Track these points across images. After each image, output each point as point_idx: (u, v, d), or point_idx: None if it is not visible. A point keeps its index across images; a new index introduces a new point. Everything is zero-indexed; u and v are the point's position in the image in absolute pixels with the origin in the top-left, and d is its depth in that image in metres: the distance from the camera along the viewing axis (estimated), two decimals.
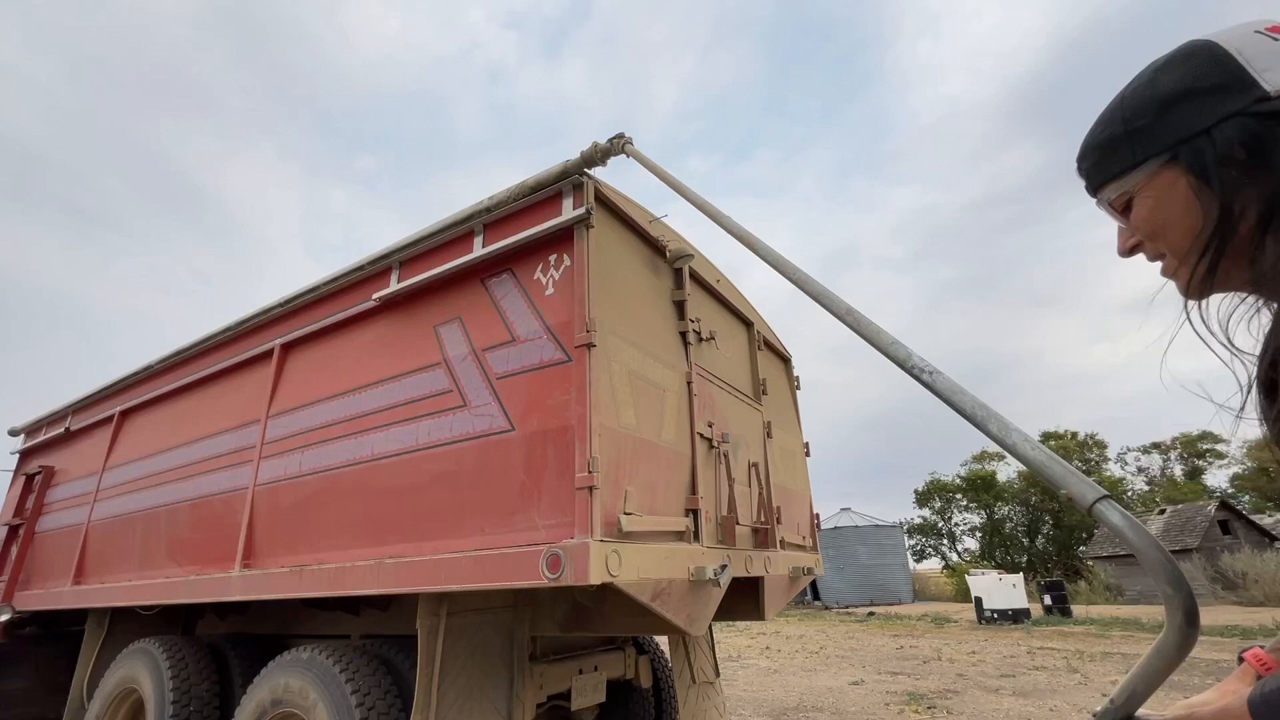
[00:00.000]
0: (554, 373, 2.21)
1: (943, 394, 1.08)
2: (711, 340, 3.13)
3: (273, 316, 3.49)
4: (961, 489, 38.83)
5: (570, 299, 2.25)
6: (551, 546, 1.95)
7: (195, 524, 3.48)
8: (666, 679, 4.13)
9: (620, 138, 2.60)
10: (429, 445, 2.49)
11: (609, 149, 2.57)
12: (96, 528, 4.24)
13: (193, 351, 3.99)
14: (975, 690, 7.39)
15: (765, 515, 3.23)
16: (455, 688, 2.47)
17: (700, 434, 2.75)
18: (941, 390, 1.09)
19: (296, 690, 2.67)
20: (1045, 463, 0.88)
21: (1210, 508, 24.05)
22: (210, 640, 3.83)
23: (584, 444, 2.03)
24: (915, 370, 1.16)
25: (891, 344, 1.24)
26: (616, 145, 2.58)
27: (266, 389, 3.32)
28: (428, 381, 2.60)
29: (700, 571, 2.33)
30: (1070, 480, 0.83)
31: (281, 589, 2.78)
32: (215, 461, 3.50)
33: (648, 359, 2.51)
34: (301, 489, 2.94)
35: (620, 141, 2.57)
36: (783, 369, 4.40)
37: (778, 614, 3.54)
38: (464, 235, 2.68)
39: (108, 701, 3.75)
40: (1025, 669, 8.84)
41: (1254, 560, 19.11)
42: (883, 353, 1.25)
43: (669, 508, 2.43)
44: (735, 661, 10.31)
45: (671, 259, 2.88)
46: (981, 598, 16.64)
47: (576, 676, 3.22)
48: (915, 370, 1.16)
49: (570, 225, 2.34)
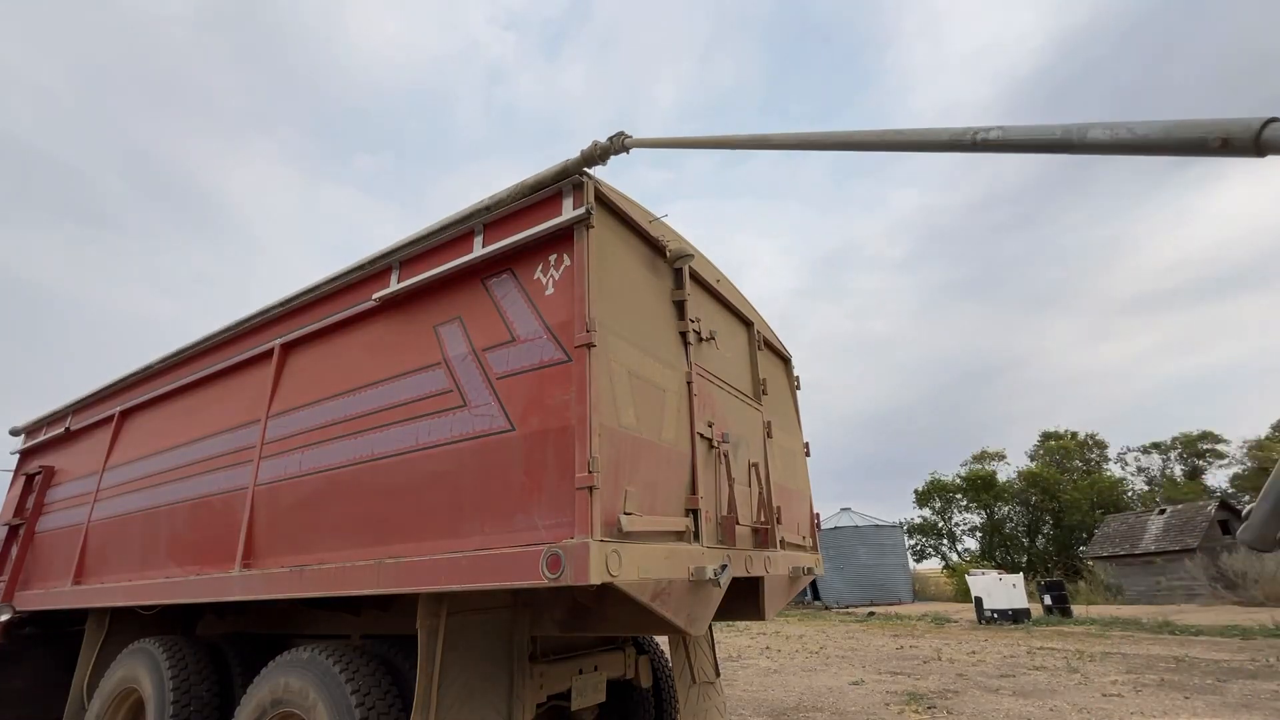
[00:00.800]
0: (554, 373, 2.21)
1: (1022, 142, 1.04)
2: (711, 340, 3.13)
3: (273, 316, 3.49)
4: (961, 489, 38.79)
5: (570, 299, 2.25)
6: (551, 546, 1.95)
7: (195, 524, 3.48)
8: (666, 679, 4.13)
9: (620, 135, 2.58)
10: (429, 445, 2.49)
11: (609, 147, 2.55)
12: (96, 528, 4.24)
13: (193, 351, 3.99)
14: (975, 690, 7.39)
15: (765, 515, 3.23)
16: (455, 688, 2.47)
17: (700, 434, 2.75)
18: (1018, 139, 1.05)
19: (296, 690, 2.67)
20: (1173, 129, 0.78)
21: (1210, 508, 24.03)
22: (210, 640, 3.83)
23: (584, 444, 2.03)
24: (981, 140, 1.11)
25: (948, 139, 1.20)
26: (616, 143, 2.56)
27: (266, 389, 3.32)
28: (428, 381, 2.60)
29: (700, 571, 2.33)
30: (1214, 127, 0.74)
31: (281, 589, 2.78)
32: (215, 461, 3.50)
33: (648, 359, 2.51)
34: (302, 489, 2.94)
35: (620, 138, 2.56)
36: (783, 369, 4.40)
37: (778, 614, 3.54)
38: (464, 235, 2.68)
39: (108, 701, 3.75)
40: (1025, 669, 8.83)
41: (1254, 560, 19.08)
42: (944, 149, 1.21)
43: (669, 508, 2.43)
44: (735, 661, 10.31)
45: (671, 259, 2.88)
46: (981, 598, 16.64)
47: (576, 676, 3.22)
48: (981, 140, 1.11)
49: (570, 225, 2.34)
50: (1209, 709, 6.09)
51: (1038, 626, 14.87)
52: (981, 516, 38.34)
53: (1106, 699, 6.75)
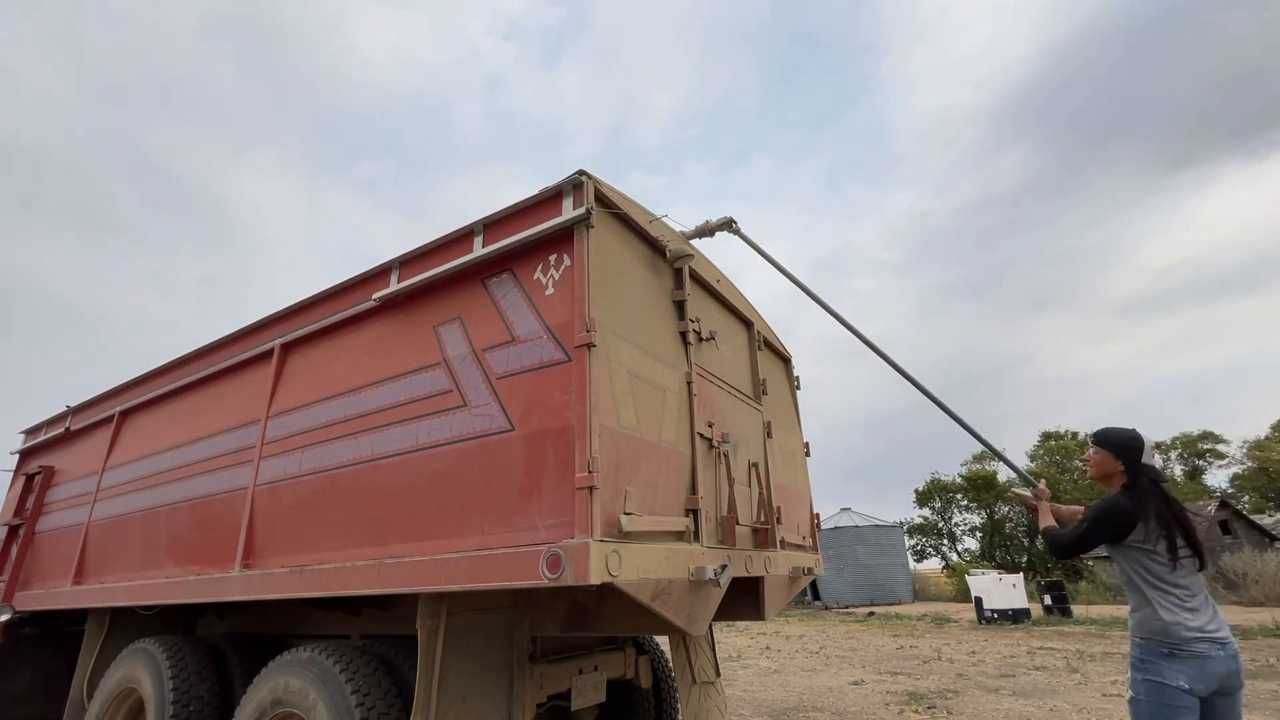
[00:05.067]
0: (554, 373, 2.21)
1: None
2: (711, 340, 3.12)
3: (273, 317, 3.49)
4: (962, 489, 38.76)
5: (570, 299, 2.25)
6: (551, 546, 1.95)
7: (195, 524, 3.48)
8: (667, 679, 4.13)
9: (730, 219, 3.37)
10: (429, 445, 2.49)
11: (719, 225, 3.31)
12: (96, 528, 4.24)
13: (193, 351, 3.99)
14: (975, 690, 7.39)
15: (765, 515, 3.23)
16: (455, 688, 2.47)
17: (700, 434, 2.75)
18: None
19: (296, 690, 2.67)
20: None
21: (1210, 508, 24.02)
22: (210, 640, 3.83)
23: (584, 444, 2.03)
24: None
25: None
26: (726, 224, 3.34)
27: (267, 389, 3.32)
28: (428, 381, 2.60)
29: (700, 571, 2.33)
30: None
31: (281, 589, 2.78)
32: (215, 461, 3.50)
33: (648, 359, 2.51)
34: (302, 489, 2.94)
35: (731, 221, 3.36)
36: (783, 369, 4.40)
37: (778, 614, 3.54)
38: (464, 235, 2.68)
39: (108, 701, 3.75)
40: (1025, 669, 8.83)
41: (1254, 560, 19.07)
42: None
43: (669, 508, 2.43)
44: (736, 661, 10.31)
45: (671, 259, 2.88)
46: (982, 598, 16.62)
47: (576, 676, 3.22)
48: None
49: (570, 225, 2.34)
50: None
51: (1038, 626, 14.87)
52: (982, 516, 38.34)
53: (1106, 699, 6.75)
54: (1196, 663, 2.25)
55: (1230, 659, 2.26)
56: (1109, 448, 2.54)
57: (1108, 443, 2.55)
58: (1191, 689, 2.24)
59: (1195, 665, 2.25)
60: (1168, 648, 2.31)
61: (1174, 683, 2.26)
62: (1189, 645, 2.27)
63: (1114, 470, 2.52)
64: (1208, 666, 2.24)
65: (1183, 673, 2.25)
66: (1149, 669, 2.35)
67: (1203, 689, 2.24)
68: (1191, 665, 2.25)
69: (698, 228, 3.32)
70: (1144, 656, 2.39)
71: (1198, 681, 2.24)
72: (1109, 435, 2.56)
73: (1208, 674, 2.24)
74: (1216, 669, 2.24)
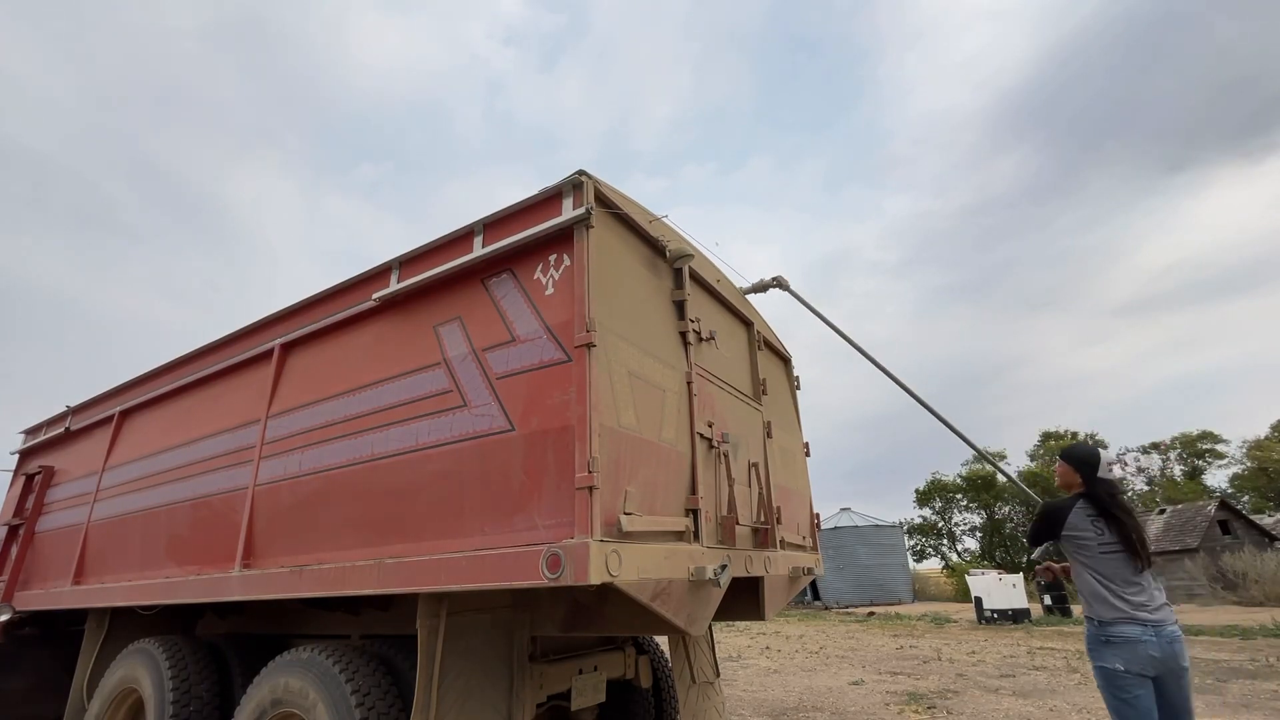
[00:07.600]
0: (554, 373, 2.21)
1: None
2: (711, 340, 3.13)
3: (273, 316, 3.49)
4: (962, 489, 38.77)
5: (570, 299, 2.25)
6: (551, 546, 1.95)
7: (195, 524, 3.48)
8: (666, 679, 4.13)
9: (781, 278, 4.11)
10: (429, 445, 2.49)
11: (771, 284, 4.04)
12: (96, 528, 4.24)
13: (193, 352, 3.99)
14: (975, 690, 7.39)
15: (765, 515, 3.23)
16: (455, 688, 2.47)
17: (700, 434, 2.75)
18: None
19: (296, 690, 2.67)
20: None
21: (1210, 508, 24.01)
22: (210, 640, 3.82)
23: (584, 444, 2.03)
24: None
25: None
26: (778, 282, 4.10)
27: (266, 389, 3.32)
28: (428, 381, 2.60)
29: (700, 571, 2.33)
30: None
31: (281, 589, 2.78)
32: (215, 461, 3.49)
33: (648, 359, 2.51)
34: (301, 489, 2.94)
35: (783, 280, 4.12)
36: (783, 369, 4.40)
37: (778, 614, 3.54)
38: (464, 235, 2.68)
39: (108, 701, 3.75)
40: (1025, 669, 8.83)
41: (1254, 560, 19.07)
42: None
43: (669, 508, 2.43)
44: (735, 661, 10.31)
45: (671, 259, 2.88)
46: (981, 598, 16.62)
47: (576, 676, 3.22)
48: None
49: (570, 225, 2.34)
50: (1209, 709, 6.09)
51: (1038, 626, 14.87)
52: (982, 516, 38.35)
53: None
54: (1128, 646, 2.51)
55: (1166, 644, 2.50)
56: (1070, 462, 2.96)
57: (1069, 458, 2.98)
58: (1128, 669, 2.49)
59: (1127, 649, 2.51)
60: (1104, 635, 2.58)
61: (1111, 665, 2.53)
62: (1114, 626, 2.55)
63: (1074, 481, 2.92)
64: (1139, 650, 2.50)
65: (1118, 656, 2.52)
66: (1094, 655, 2.63)
67: (1139, 670, 2.49)
68: (1124, 649, 2.52)
69: (753, 285, 4.01)
70: (1090, 645, 2.67)
71: (1133, 664, 2.49)
72: (1071, 451, 3.00)
73: (1141, 656, 2.49)
74: (1149, 651, 2.49)
